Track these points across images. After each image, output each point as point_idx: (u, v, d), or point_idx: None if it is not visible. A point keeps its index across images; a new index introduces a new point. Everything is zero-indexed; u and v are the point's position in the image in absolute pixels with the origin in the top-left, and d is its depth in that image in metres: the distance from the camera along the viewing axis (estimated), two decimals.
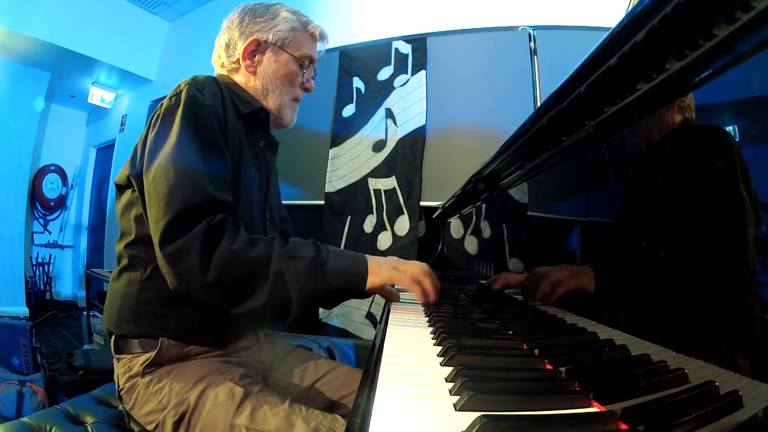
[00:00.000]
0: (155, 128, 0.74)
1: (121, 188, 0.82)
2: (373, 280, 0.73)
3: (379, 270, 0.74)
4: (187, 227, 0.66)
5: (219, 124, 0.76)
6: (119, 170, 0.81)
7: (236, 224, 0.71)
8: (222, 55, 0.91)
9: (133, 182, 0.76)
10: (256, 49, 0.88)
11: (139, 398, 0.75)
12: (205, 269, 0.66)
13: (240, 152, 0.82)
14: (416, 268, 0.77)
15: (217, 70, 0.93)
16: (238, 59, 0.88)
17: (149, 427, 0.74)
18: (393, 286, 0.82)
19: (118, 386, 0.78)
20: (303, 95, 0.96)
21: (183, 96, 0.74)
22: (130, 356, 0.76)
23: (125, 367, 0.76)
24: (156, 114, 0.76)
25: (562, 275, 0.57)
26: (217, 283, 0.67)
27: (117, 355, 0.78)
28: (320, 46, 0.96)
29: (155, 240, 0.68)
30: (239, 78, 0.90)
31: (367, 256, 0.76)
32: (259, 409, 0.69)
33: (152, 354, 0.75)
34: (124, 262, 0.79)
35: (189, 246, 0.66)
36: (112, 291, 0.80)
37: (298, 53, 0.90)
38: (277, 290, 0.68)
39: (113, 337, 0.79)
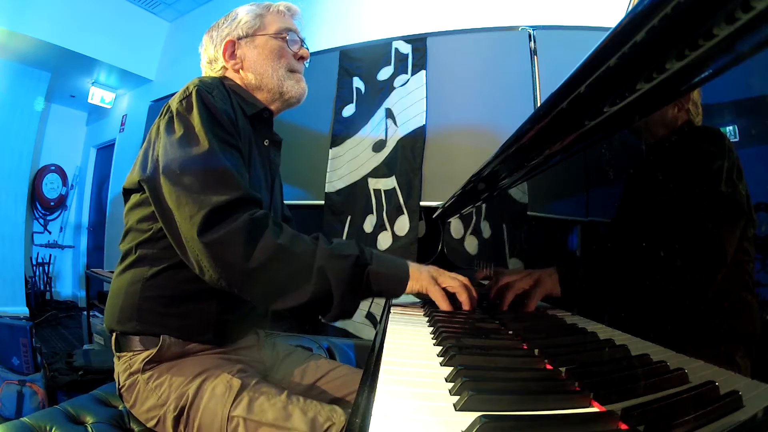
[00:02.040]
0: (171, 132, 0.74)
1: (129, 192, 0.82)
2: (412, 286, 0.75)
3: (420, 276, 0.75)
4: (228, 217, 0.67)
5: (233, 125, 0.77)
6: (121, 172, 0.82)
7: (278, 221, 0.72)
8: (209, 73, 0.93)
9: (145, 186, 0.75)
10: (233, 49, 0.90)
11: (140, 395, 0.75)
12: (248, 260, 0.66)
13: (249, 154, 0.83)
14: (455, 282, 0.77)
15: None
16: (223, 65, 0.91)
17: (150, 424, 0.74)
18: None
19: (119, 384, 0.78)
20: (302, 67, 0.95)
21: (194, 99, 0.74)
22: (131, 353, 0.76)
23: (126, 364, 0.76)
24: (166, 117, 0.76)
25: (526, 284, 0.57)
26: (259, 276, 0.67)
27: (118, 353, 0.78)
28: (297, 21, 0.96)
29: (190, 233, 0.67)
30: (235, 80, 0.91)
31: (409, 262, 0.77)
32: (257, 400, 0.70)
33: (153, 351, 0.75)
34: (130, 258, 0.79)
35: (232, 236, 0.66)
36: (114, 288, 0.80)
37: (273, 30, 0.91)
38: (320, 288, 0.68)
39: (114, 335, 0.79)
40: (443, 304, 0.76)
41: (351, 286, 0.70)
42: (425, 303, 0.91)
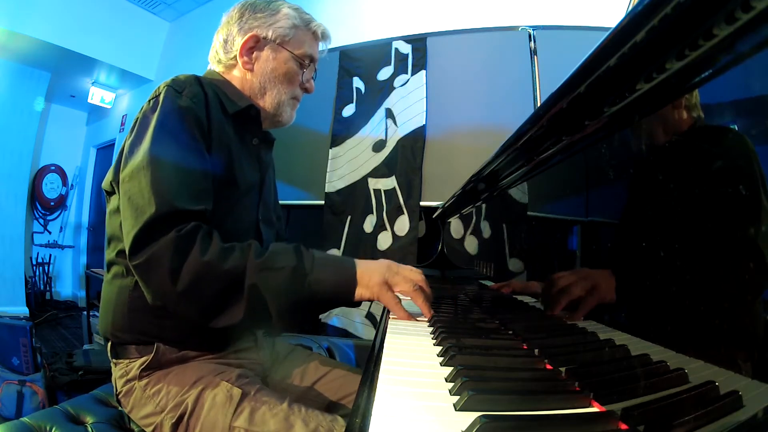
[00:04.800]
0: (132, 134, 0.72)
1: (108, 193, 0.80)
2: (361, 293, 0.69)
3: (369, 282, 0.69)
4: (155, 237, 0.64)
5: (199, 127, 0.73)
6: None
7: (210, 233, 0.67)
8: (219, 51, 0.88)
9: (116, 188, 0.74)
10: (254, 46, 0.85)
11: (137, 401, 0.74)
12: (176, 282, 0.63)
13: (229, 153, 0.80)
14: (407, 285, 0.71)
15: (213, 67, 0.91)
16: (235, 56, 0.86)
17: (148, 430, 0.73)
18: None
19: (116, 390, 0.78)
20: (303, 95, 0.94)
21: (161, 99, 0.72)
22: (127, 360, 0.76)
23: (122, 371, 0.76)
24: (136, 118, 0.74)
25: (582, 286, 0.54)
26: (189, 297, 0.64)
27: (114, 360, 0.78)
28: (322, 46, 0.94)
29: (126, 252, 0.66)
30: (235, 74, 0.87)
31: (357, 262, 0.71)
32: (258, 410, 0.69)
33: (149, 358, 0.74)
34: (115, 269, 0.78)
35: (158, 257, 0.63)
36: (104, 298, 0.79)
37: (299, 51, 0.88)
38: (254, 305, 0.65)
39: (110, 342, 0.78)
40: (398, 313, 0.71)
41: (288, 301, 0.66)
42: None
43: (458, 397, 0.37)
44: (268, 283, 0.65)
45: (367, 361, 0.51)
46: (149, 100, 0.74)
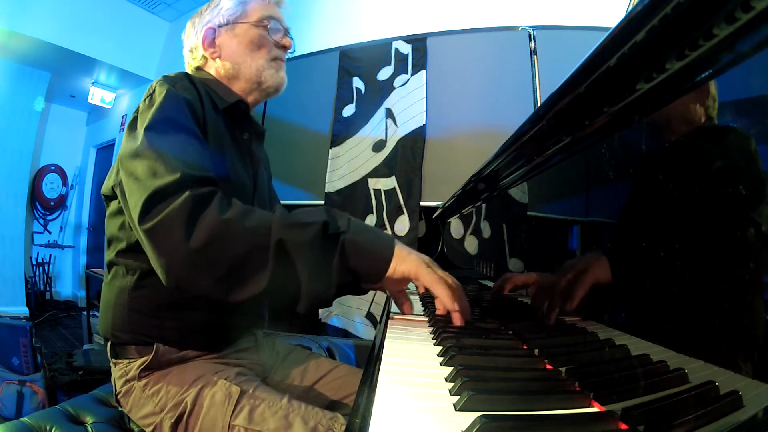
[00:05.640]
0: (132, 129, 0.72)
1: (107, 198, 0.80)
2: (397, 266, 0.62)
3: (407, 258, 0.63)
4: (169, 196, 0.59)
5: (195, 116, 0.74)
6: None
7: (229, 200, 0.63)
8: (190, 61, 0.92)
9: (117, 191, 0.73)
10: (213, 37, 0.88)
11: (136, 401, 0.74)
12: (189, 242, 0.57)
13: (221, 148, 0.80)
14: (450, 278, 0.66)
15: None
16: (202, 54, 0.89)
17: (147, 430, 0.74)
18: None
19: (116, 390, 0.78)
20: (286, 56, 0.93)
21: (156, 93, 0.73)
22: (127, 361, 0.76)
23: (122, 371, 0.76)
24: (133, 116, 0.74)
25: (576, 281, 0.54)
26: (205, 259, 0.58)
27: (114, 360, 0.78)
28: (283, 9, 0.93)
29: (135, 223, 0.61)
30: (211, 70, 0.89)
31: (395, 239, 0.66)
32: (257, 408, 0.68)
33: (148, 358, 0.74)
34: (114, 270, 0.78)
35: (171, 218, 0.58)
36: (104, 299, 0.79)
37: (255, 18, 0.88)
38: (280, 269, 0.59)
39: (109, 343, 0.78)
40: (441, 290, 0.63)
41: (320, 260, 0.59)
42: (425, 303, 0.91)
43: (458, 397, 0.37)
44: (298, 240, 0.59)
45: (367, 361, 0.51)
46: (144, 99, 0.75)
